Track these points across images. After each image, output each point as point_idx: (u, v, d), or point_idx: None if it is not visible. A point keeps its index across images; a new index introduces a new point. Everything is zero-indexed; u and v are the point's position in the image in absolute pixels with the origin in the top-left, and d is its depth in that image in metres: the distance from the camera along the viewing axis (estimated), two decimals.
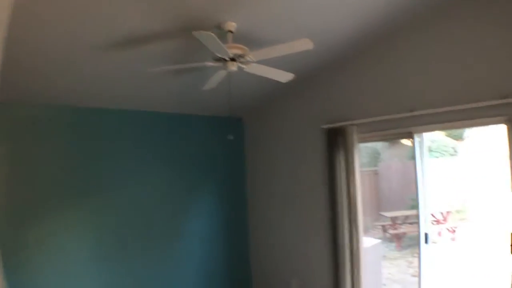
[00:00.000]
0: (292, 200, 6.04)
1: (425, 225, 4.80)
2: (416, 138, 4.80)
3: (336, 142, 5.28)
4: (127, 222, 5.28)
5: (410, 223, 10.18)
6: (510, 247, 4.15)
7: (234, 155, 6.64)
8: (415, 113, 4.62)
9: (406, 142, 14.87)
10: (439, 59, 4.52)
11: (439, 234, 9.96)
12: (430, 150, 11.94)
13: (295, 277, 6.00)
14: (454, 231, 9.89)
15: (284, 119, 6.17)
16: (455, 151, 13.32)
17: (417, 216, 4.85)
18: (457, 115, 4.37)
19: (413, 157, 4.87)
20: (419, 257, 4.78)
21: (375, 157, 13.83)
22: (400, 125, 4.83)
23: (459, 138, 13.99)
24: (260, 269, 6.58)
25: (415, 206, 4.97)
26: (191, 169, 6.03)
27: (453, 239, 9.83)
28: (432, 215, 9.43)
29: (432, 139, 12.87)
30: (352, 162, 5.11)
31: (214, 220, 6.25)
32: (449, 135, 14.00)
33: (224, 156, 6.45)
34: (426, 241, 4.77)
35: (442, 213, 10.01)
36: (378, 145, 14.42)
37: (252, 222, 6.71)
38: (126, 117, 5.39)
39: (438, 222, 9.90)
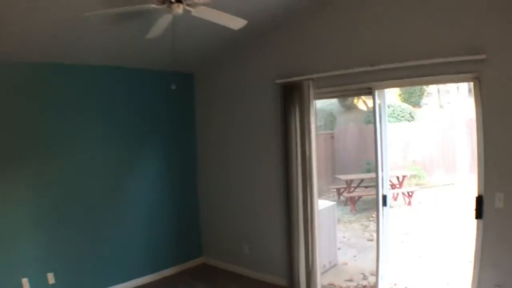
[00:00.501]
0: (245, 161, 5.69)
1: (384, 188, 4.57)
2: (377, 97, 4.49)
3: (291, 98, 4.91)
4: (69, 185, 4.90)
5: (365, 187, 10.14)
6: (475, 211, 3.96)
7: (184, 114, 6.18)
8: (376, 67, 4.29)
9: (362, 106, 14.90)
10: (403, 10, 4.17)
11: (395, 198, 9.95)
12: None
13: (247, 241, 5.72)
14: (410, 195, 9.88)
15: (237, 74, 5.73)
16: (412, 117, 13.37)
17: (375, 179, 4.59)
18: (421, 70, 4.06)
19: (372, 116, 4.58)
20: (377, 220, 4.57)
21: (331, 121, 13.73)
22: (360, 80, 4.50)
23: (416, 104, 14.07)
24: (210, 233, 6.27)
25: (371, 170, 4.73)
26: (138, 129, 5.57)
27: (409, 204, 9.83)
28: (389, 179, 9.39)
29: (388, 104, 12.85)
30: (308, 120, 4.77)
31: (161, 182, 5.85)
32: (406, 101, 14.06)
33: (173, 114, 6.00)
34: (384, 204, 4.56)
35: (398, 178, 9.97)
36: (334, 109, 14.35)
37: (202, 184, 6.33)
38: (62, 72, 4.82)
39: (394, 186, 9.87)
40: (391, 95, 13.46)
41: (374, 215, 8.69)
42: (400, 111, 13.32)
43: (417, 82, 4.38)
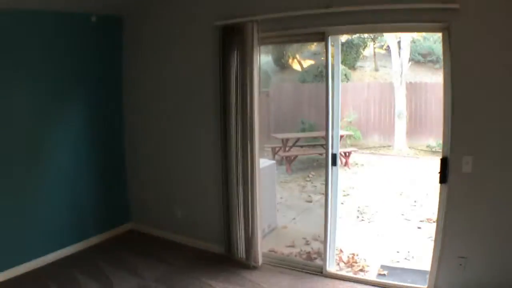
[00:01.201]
0: (177, 116, 4.94)
1: (334, 146, 4.10)
2: (330, 44, 3.91)
3: (232, 43, 4.19)
4: None
5: (301, 146, 9.75)
6: (439, 175, 3.58)
7: (110, 64, 5.18)
8: (332, 9, 3.70)
9: (297, 67, 14.49)
10: None
11: None
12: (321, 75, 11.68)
13: (179, 204, 5.05)
14: (347, 156, 9.60)
15: (171, 17, 4.83)
16: (347, 78, 13.13)
17: (325, 137, 4.14)
18: (384, 16, 3.55)
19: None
20: (326, 180, 4.12)
21: (266, 80, 13.21)
22: (312, 24, 3.91)
23: (351, 66, 13.87)
24: (139, 196, 5.46)
25: (305, 129, 4.24)
26: (58, 82, 4.55)
27: (346, 164, 9.56)
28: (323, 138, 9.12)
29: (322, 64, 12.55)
30: (251, 69, 4.09)
31: (84, 140, 4.91)
32: (341, 62, 13.81)
33: (98, 65, 5.00)
34: (334, 163, 4.09)
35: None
36: (269, 68, 13.86)
37: (129, 141, 5.44)
38: None
39: None
40: None
41: (310, 175, 8.50)
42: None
43: (378, 28, 3.89)
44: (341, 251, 4.61)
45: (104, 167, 5.19)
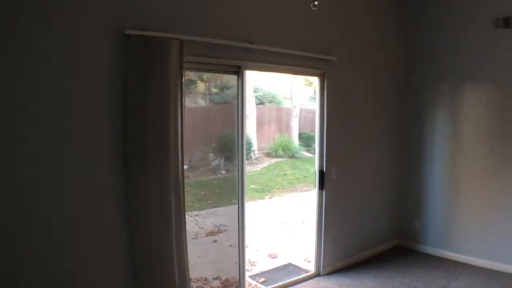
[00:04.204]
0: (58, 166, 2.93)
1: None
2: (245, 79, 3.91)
3: (151, 65, 3.10)
4: None
5: None
6: (319, 183, 4.61)
7: None
8: (252, 46, 3.81)
9: None
10: None
11: None
12: None
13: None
14: None
15: (57, 21, 2.83)
16: None
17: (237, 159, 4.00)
18: (289, 59, 4.16)
19: (237, 98, 3.90)
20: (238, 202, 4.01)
21: None
22: (232, 56, 3.78)
23: None
24: None
25: None
26: None
27: None
28: None
29: None
30: (177, 101, 3.26)
31: None
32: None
33: None
34: None
35: None
36: None
37: None
38: None
39: None
40: None
41: None
42: None
43: (282, 69, 4.36)
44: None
45: None
